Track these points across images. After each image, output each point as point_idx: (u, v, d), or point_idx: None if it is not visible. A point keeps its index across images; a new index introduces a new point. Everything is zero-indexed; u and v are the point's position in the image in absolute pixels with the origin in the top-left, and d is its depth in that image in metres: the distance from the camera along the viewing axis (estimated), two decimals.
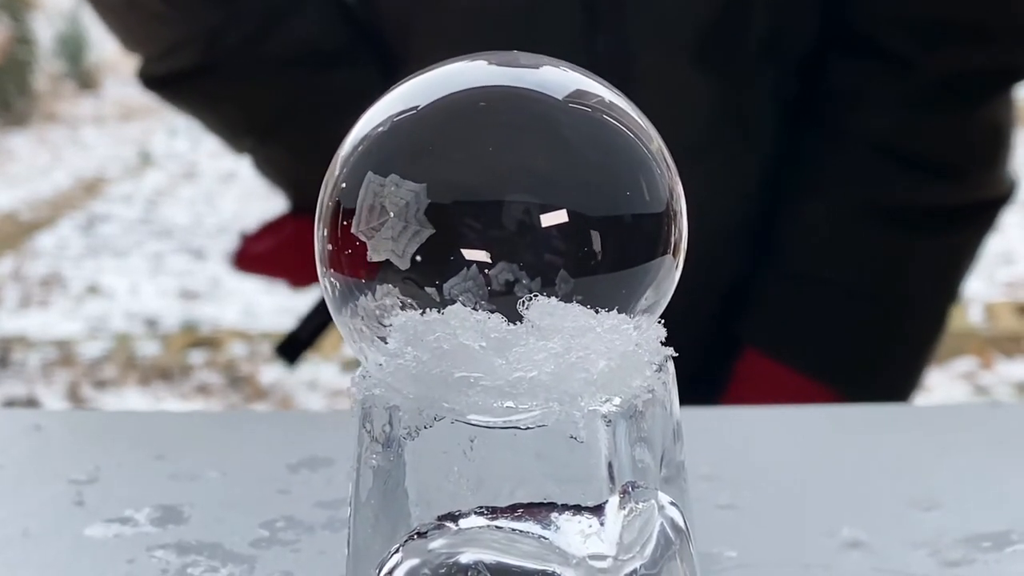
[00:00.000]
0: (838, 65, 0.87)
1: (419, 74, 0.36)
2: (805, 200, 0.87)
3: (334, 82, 0.87)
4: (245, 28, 0.85)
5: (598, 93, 0.35)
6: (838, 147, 0.87)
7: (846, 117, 0.86)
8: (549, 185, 0.33)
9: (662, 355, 0.35)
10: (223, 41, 0.85)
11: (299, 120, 0.87)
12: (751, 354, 0.88)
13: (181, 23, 0.87)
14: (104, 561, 0.46)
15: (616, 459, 0.33)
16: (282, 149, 0.89)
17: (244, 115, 0.90)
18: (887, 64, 0.85)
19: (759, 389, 0.87)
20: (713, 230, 0.86)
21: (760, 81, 0.86)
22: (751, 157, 0.87)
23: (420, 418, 0.33)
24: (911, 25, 0.85)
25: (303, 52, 0.86)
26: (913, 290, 0.89)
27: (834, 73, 0.87)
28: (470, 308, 0.33)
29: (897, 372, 0.91)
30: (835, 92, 0.87)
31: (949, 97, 0.85)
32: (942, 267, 0.89)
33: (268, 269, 0.94)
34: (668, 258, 0.35)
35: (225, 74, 0.87)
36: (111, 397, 2.79)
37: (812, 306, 0.88)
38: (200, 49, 0.86)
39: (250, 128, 0.90)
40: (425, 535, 0.34)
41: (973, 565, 0.45)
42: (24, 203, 4.45)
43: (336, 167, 0.35)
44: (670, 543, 0.35)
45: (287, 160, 0.91)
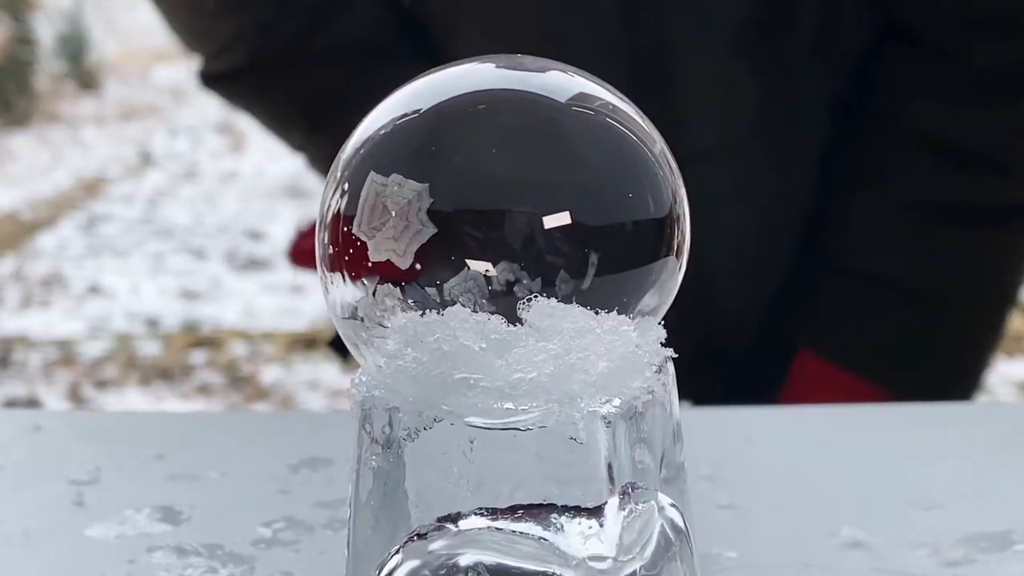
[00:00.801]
0: (888, 59, 0.86)
1: (422, 76, 0.36)
2: (855, 196, 0.86)
3: (383, 77, 0.87)
4: (295, 23, 0.87)
5: (601, 96, 0.35)
6: (889, 142, 0.86)
7: (897, 112, 0.86)
8: (552, 188, 0.33)
9: (662, 356, 0.35)
10: (275, 36, 0.87)
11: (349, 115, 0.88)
12: (806, 355, 0.87)
13: (235, 19, 0.89)
14: (104, 562, 0.46)
15: (616, 460, 0.33)
16: (330, 144, 0.90)
17: (295, 110, 0.92)
18: (937, 59, 0.84)
19: (815, 390, 0.86)
20: (761, 226, 0.85)
21: (810, 78, 0.85)
22: (801, 154, 0.86)
23: (420, 419, 0.33)
24: (961, 19, 0.84)
25: (352, 47, 0.88)
26: (968, 288, 0.88)
27: (885, 67, 0.86)
28: (470, 309, 0.33)
29: (953, 372, 0.89)
30: (886, 86, 0.86)
31: (1000, 92, 0.84)
32: (997, 265, 0.88)
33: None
34: (671, 260, 0.35)
35: (277, 69, 0.89)
36: (112, 397, 2.79)
37: (864, 305, 0.87)
38: (253, 45, 0.88)
39: (301, 123, 0.92)
40: (425, 536, 0.34)
41: (973, 565, 0.45)
42: (25, 203, 4.45)
43: (338, 169, 0.35)
44: (670, 544, 0.35)
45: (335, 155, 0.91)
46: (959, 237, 0.86)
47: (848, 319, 0.88)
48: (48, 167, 4.97)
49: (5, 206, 4.39)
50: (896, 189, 0.86)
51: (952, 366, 0.90)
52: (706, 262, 0.82)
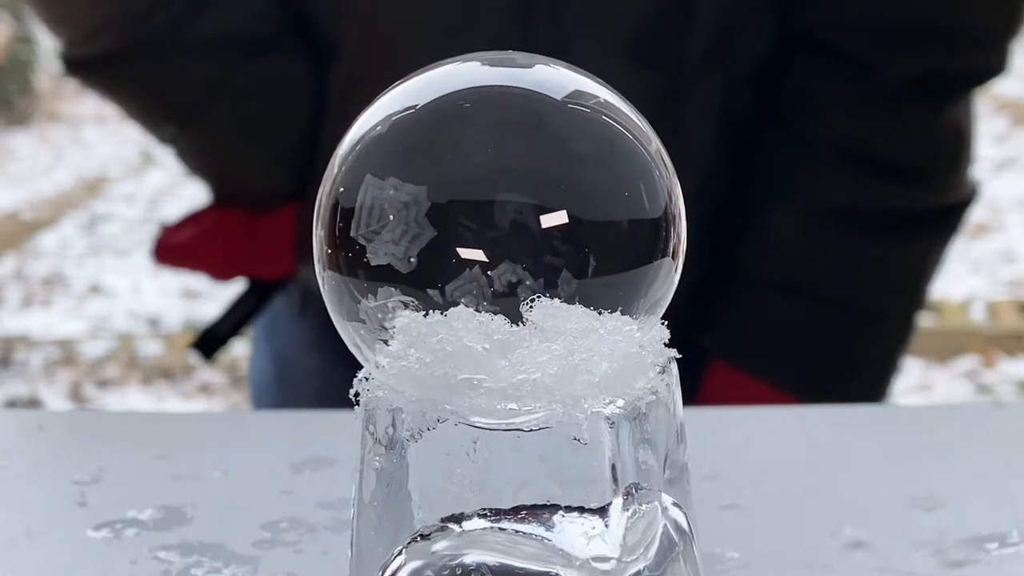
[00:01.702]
0: (800, 70, 0.86)
1: (417, 74, 0.36)
2: (770, 207, 0.87)
3: (261, 69, 0.85)
4: (172, 10, 0.83)
5: (597, 94, 0.35)
6: (802, 153, 0.86)
7: (810, 123, 0.86)
8: (548, 187, 0.33)
9: (665, 357, 0.35)
10: (149, 23, 0.83)
11: (224, 107, 0.85)
12: (719, 366, 0.88)
13: (106, 3, 0.84)
14: (107, 562, 0.46)
15: (619, 461, 0.33)
16: (205, 136, 0.87)
17: (168, 100, 0.88)
18: (850, 69, 0.85)
19: (728, 400, 0.86)
20: None
21: (700, 92, 0.85)
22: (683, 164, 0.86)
23: (423, 420, 0.33)
24: (873, 30, 0.84)
25: (231, 37, 0.85)
26: (880, 296, 0.89)
27: (796, 78, 0.86)
28: (473, 310, 0.33)
29: (866, 380, 0.90)
30: (798, 98, 0.86)
31: (913, 102, 0.85)
32: (908, 273, 0.89)
33: (188, 261, 0.91)
34: (667, 260, 0.35)
35: (150, 57, 0.85)
36: (113, 397, 2.80)
37: (779, 316, 0.87)
38: (125, 31, 0.83)
39: (174, 114, 0.87)
40: (428, 537, 0.34)
41: (976, 565, 0.45)
42: (26, 203, 4.45)
43: (334, 167, 0.35)
44: (673, 544, 0.35)
45: (210, 148, 0.88)
46: (872, 245, 0.87)
47: (762, 329, 0.88)
48: (49, 167, 4.97)
49: (6, 206, 4.40)
50: (809, 199, 0.86)
51: (866, 373, 0.90)
52: None
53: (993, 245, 3.52)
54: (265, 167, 0.88)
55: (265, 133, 0.87)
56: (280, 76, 0.86)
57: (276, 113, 0.86)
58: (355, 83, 0.83)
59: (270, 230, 0.87)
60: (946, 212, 0.88)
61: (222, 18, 0.84)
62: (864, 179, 0.85)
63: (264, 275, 0.90)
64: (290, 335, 0.94)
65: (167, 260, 0.90)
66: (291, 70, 0.86)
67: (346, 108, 0.84)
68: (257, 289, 0.90)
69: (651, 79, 0.82)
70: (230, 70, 0.84)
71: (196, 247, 0.89)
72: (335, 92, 0.84)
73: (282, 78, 0.85)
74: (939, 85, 0.85)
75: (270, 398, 0.96)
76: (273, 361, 0.96)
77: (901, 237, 0.87)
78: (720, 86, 0.85)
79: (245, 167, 0.89)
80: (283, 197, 0.87)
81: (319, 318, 0.91)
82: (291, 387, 0.94)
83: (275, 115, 0.86)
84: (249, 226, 0.87)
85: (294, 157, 0.86)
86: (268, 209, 0.87)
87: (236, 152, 0.88)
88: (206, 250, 0.89)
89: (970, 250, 3.48)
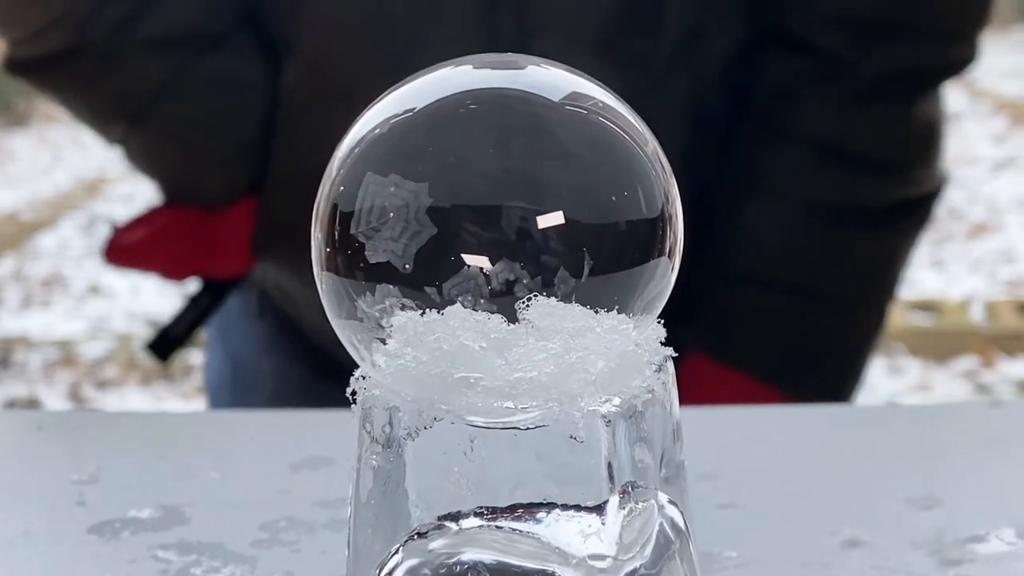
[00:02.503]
0: (773, 65, 0.86)
1: (416, 76, 0.36)
2: (745, 202, 0.87)
3: (210, 67, 0.84)
4: (119, 9, 0.82)
5: (594, 95, 0.35)
6: (776, 147, 0.86)
7: (782, 117, 0.86)
8: (546, 187, 0.33)
9: (662, 355, 0.35)
10: (95, 22, 0.82)
11: (173, 105, 0.84)
12: (695, 358, 0.88)
13: (52, 3, 0.82)
14: (105, 561, 0.46)
15: (616, 459, 0.33)
16: (155, 136, 0.86)
17: (116, 100, 0.86)
18: (822, 63, 0.85)
19: (705, 392, 0.86)
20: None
21: (669, 88, 0.85)
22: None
23: (420, 419, 0.33)
24: (845, 24, 0.85)
25: (178, 35, 0.84)
26: (855, 287, 0.89)
27: (770, 75, 0.86)
28: (470, 308, 0.33)
29: (839, 371, 0.91)
30: (771, 92, 0.87)
31: (887, 95, 0.85)
32: (881, 263, 0.90)
33: (140, 261, 0.90)
34: (664, 260, 0.35)
35: (97, 57, 0.83)
36: (113, 397, 2.80)
37: (755, 309, 0.87)
38: (71, 30, 0.82)
39: (122, 114, 0.86)
40: (425, 535, 0.34)
41: (973, 564, 0.45)
42: (25, 203, 4.45)
43: (333, 168, 0.35)
44: (670, 543, 0.35)
45: (159, 148, 0.87)
46: (848, 238, 0.87)
47: (740, 323, 0.88)
48: (48, 167, 4.97)
49: (5, 206, 4.40)
50: (785, 194, 0.86)
51: (842, 364, 0.91)
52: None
53: (992, 245, 3.53)
54: (217, 165, 0.87)
55: (216, 131, 0.86)
56: (230, 73, 0.85)
57: (226, 110, 0.85)
58: (312, 78, 0.82)
59: (224, 228, 0.86)
60: (919, 202, 0.89)
61: (169, 16, 0.83)
62: (839, 173, 0.86)
63: (218, 273, 0.89)
64: (245, 337, 0.94)
65: (119, 261, 0.89)
66: (241, 66, 0.85)
67: (302, 102, 0.84)
68: (211, 288, 0.90)
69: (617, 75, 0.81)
70: (178, 68, 0.83)
71: (148, 247, 0.88)
72: (290, 87, 0.83)
73: (232, 75, 0.85)
74: (912, 78, 0.86)
75: (225, 400, 0.96)
76: (228, 363, 0.95)
77: (876, 229, 0.88)
78: (689, 83, 0.85)
79: (196, 166, 0.88)
80: (236, 194, 0.86)
81: (277, 318, 0.91)
82: (245, 389, 0.94)
83: (225, 112, 0.85)
84: (202, 225, 0.86)
85: (247, 154, 0.85)
86: (221, 207, 0.86)
87: (187, 151, 0.87)
88: (158, 250, 0.88)
89: (969, 250, 3.48)
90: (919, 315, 3.02)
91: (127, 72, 0.84)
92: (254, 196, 0.85)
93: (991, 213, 3.77)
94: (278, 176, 0.84)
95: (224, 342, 0.96)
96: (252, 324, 0.93)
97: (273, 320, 0.91)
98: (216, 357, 0.97)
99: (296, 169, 0.83)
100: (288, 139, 0.83)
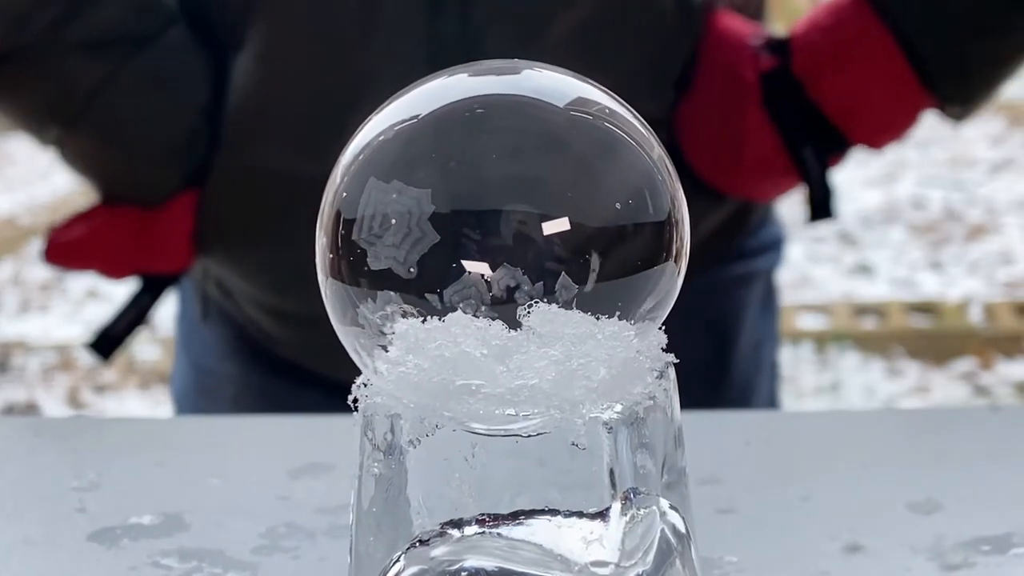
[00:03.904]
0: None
1: (421, 83, 0.36)
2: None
3: (144, 66, 0.83)
4: (50, 12, 0.81)
5: (599, 101, 0.35)
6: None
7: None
8: (551, 193, 0.33)
9: (663, 362, 0.35)
10: (27, 25, 0.81)
11: (108, 106, 0.84)
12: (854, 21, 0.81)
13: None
14: (105, 569, 0.46)
15: (618, 466, 0.33)
16: (90, 137, 0.85)
17: (49, 103, 0.85)
18: None
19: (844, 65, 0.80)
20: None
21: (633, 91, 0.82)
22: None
23: (421, 426, 0.33)
24: None
25: (110, 36, 0.83)
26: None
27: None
28: (471, 315, 0.33)
29: (988, 77, 0.82)
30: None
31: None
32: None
33: (79, 260, 0.90)
34: (670, 265, 0.35)
35: (30, 59, 0.82)
36: (111, 401, 2.79)
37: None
38: (2, 34, 0.81)
39: (56, 116, 0.85)
40: (427, 543, 0.34)
41: (974, 569, 0.45)
42: (23, 207, 4.45)
43: (337, 175, 0.35)
44: (672, 549, 0.35)
45: (95, 148, 0.86)
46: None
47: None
48: (46, 172, 4.97)
49: (3, 211, 4.39)
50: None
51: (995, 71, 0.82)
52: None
53: (990, 246, 3.53)
54: (152, 164, 0.86)
55: (151, 130, 0.85)
56: (164, 72, 0.84)
57: (161, 109, 0.85)
58: (261, 72, 0.82)
59: (163, 224, 0.86)
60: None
61: (102, 18, 0.82)
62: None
63: (158, 270, 0.89)
64: (206, 343, 0.94)
65: (58, 260, 0.88)
66: (177, 64, 0.84)
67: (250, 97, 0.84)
68: (151, 285, 0.90)
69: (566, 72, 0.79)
70: (112, 69, 0.83)
71: (87, 245, 0.87)
72: (240, 80, 0.83)
73: (166, 73, 0.84)
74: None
75: (189, 407, 0.96)
76: (191, 369, 0.95)
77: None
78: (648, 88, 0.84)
79: (132, 165, 0.87)
80: (174, 191, 0.85)
81: (220, 318, 0.91)
82: (207, 394, 0.94)
83: (160, 111, 0.85)
84: (141, 222, 0.86)
85: (183, 152, 0.85)
86: (159, 204, 0.86)
87: (122, 151, 0.87)
88: (97, 248, 0.88)
89: (967, 252, 3.48)
90: (917, 317, 3.02)
91: (60, 74, 0.83)
92: (194, 192, 0.85)
93: (989, 215, 3.77)
94: (221, 171, 0.84)
95: (187, 349, 0.96)
96: (210, 331, 0.93)
97: (217, 320, 0.91)
98: (181, 364, 0.97)
99: (240, 164, 0.83)
100: (234, 134, 0.83)
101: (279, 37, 0.82)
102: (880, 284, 3.26)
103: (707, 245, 0.87)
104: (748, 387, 0.91)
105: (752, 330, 0.92)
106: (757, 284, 0.93)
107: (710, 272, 0.89)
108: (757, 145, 0.82)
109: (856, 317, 3.01)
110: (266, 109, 0.82)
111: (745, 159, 0.83)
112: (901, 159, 4.17)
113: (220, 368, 0.93)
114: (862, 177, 4.04)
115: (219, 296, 0.90)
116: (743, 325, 0.91)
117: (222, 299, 0.90)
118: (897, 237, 3.63)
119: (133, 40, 0.84)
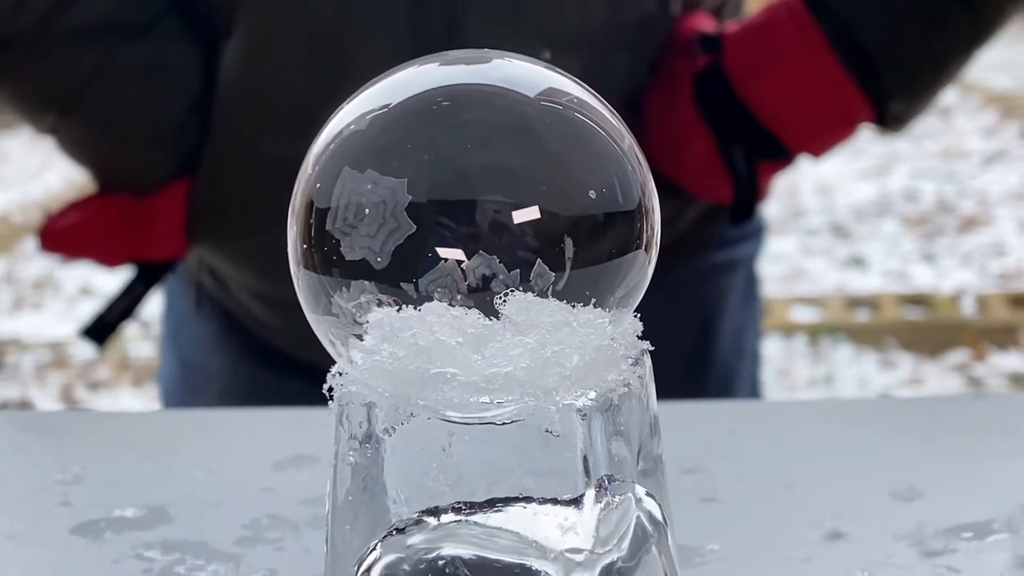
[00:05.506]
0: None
1: (392, 73, 0.36)
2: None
3: (138, 53, 0.84)
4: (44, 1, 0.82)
5: (570, 91, 0.35)
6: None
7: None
8: (523, 183, 0.34)
9: (638, 349, 0.35)
10: (22, 13, 0.82)
11: (102, 94, 0.85)
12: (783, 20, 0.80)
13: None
14: (90, 561, 0.46)
15: (592, 453, 0.33)
16: (85, 124, 0.86)
17: (45, 90, 0.86)
18: None
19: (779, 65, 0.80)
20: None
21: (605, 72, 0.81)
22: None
23: (397, 415, 0.33)
24: None
25: (104, 23, 0.84)
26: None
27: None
28: (447, 304, 0.33)
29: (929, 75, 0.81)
30: None
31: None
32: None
33: (73, 247, 0.90)
34: (641, 253, 0.35)
35: (25, 47, 0.83)
36: (105, 398, 2.79)
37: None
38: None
39: (51, 103, 0.86)
40: (404, 531, 0.34)
41: (955, 555, 0.45)
42: (16, 205, 4.44)
43: (308, 165, 0.35)
44: (648, 535, 0.35)
45: (90, 136, 0.87)
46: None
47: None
48: (39, 169, 4.96)
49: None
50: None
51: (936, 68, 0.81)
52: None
53: (983, 238, 3.53)
54: (147, 150, 0.87)
55: (145, 117, 0.86)
56: (157, 59, 0.85)
57: (155, 96, 0.85)
58: (250, 58, 0.82)
59: (157, 211, 0.86)
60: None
61: (95, 5, 0.83)
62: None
63: (153, 257, 0.89)
64: (194, 338, 0.94)
65: (53, 247, 0.89)
66: (169, 52, 0.85)
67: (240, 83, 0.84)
68: (146, 273, 0.90)
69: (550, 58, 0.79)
70: (106, 57, 0.83)
71: (82, 232, 0.88)
72: (229, 68, 0.84)
73: (159, 60, 0.85)
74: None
75: (175, 401, 0.96)
76: (178, 363, 0.95)
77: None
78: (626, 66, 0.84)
79: (127, 152, 0.88)
80: (168, 178, 0.86)
81: (214, 309, 0.91)
82: (194, 388, 0.94)
83: (154, 98, 0.86)
84: (135, 209, 0.87)
85: (177, 138, 0.85)
86: (154, 191, 0.86)
87: (117, 137, 0.87)
88: (92, 235, 0.88)
89: (960, 244, 3.49)
90: (910, 309, 3.02)
91: (55, 62, 0.84)
92: (188, 178, 0.85)
93: (981, 207, 3.78)
94: (213, 158, 0.84)
95: (175, 343, 0.96)
96: (200, 324, 0.93)
97: (212, 315, 0.91)
98: (168, 358, 0.97)
99: (231, 150, 0.83)
100: (225, 119, 0.84)
101: (265, 24, 0.83)
102: (873, 276, 3.26)
103: (690, 233, 0.87)
104: (730, 374, 0.91)
105: (734, 317, 0.92)
106: (739, 272, 0.93)
107: (692, 260, 0.89)
108: (696, 144, 0.82)
109: (849, 309, 3.02)
110: (255, 95, 0.83)
111: (688, 157, 0.83)
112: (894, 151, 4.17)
113: (208, 362, 0.93)
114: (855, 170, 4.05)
115: (213, 285, 0.90)
116: (725, 312, 0.92)
117: (215, 288, 0.90)
118: (890, 229, 3.63)
119: (126, 28, 0.84)
